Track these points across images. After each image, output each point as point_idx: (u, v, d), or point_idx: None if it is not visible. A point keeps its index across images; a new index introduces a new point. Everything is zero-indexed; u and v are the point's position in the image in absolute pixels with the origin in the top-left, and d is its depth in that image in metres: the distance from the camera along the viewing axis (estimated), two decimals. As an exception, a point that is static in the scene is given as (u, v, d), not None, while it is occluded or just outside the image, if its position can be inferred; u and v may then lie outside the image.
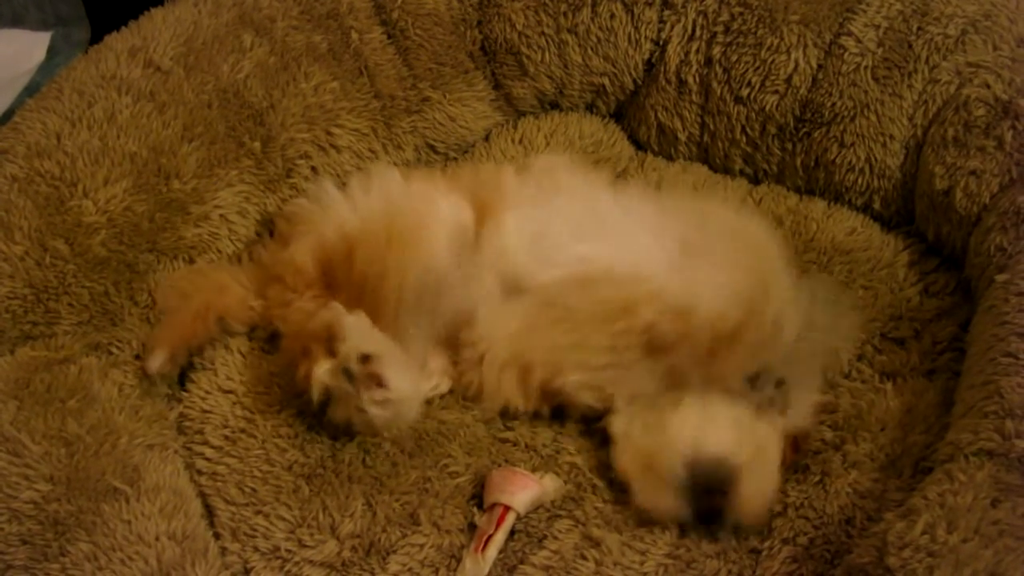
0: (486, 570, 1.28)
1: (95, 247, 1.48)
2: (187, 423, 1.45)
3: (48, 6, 2.39)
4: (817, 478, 1.34)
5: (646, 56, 1.84)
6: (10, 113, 1.60)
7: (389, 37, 1.83)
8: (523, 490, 1.33)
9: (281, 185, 1.71)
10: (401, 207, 1.52)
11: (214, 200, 1.62)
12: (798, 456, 1.38)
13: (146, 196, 1.53)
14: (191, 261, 1.60)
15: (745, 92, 1.74)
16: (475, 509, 1.36)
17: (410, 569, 1.29)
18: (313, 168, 1.74)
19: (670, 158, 1.90)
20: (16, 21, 2.38)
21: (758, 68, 1.72)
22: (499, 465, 1.40)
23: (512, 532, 1.32)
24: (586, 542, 1.31)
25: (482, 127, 1.94)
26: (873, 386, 1.46)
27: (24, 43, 2.32)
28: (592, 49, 1.85)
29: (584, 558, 1.29)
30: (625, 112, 1.95)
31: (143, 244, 1.53)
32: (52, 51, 2.32)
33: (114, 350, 1.49)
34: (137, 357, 1.50)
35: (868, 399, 1.43)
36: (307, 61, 1.73)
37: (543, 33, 1.84)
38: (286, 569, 1.29)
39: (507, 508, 1.32)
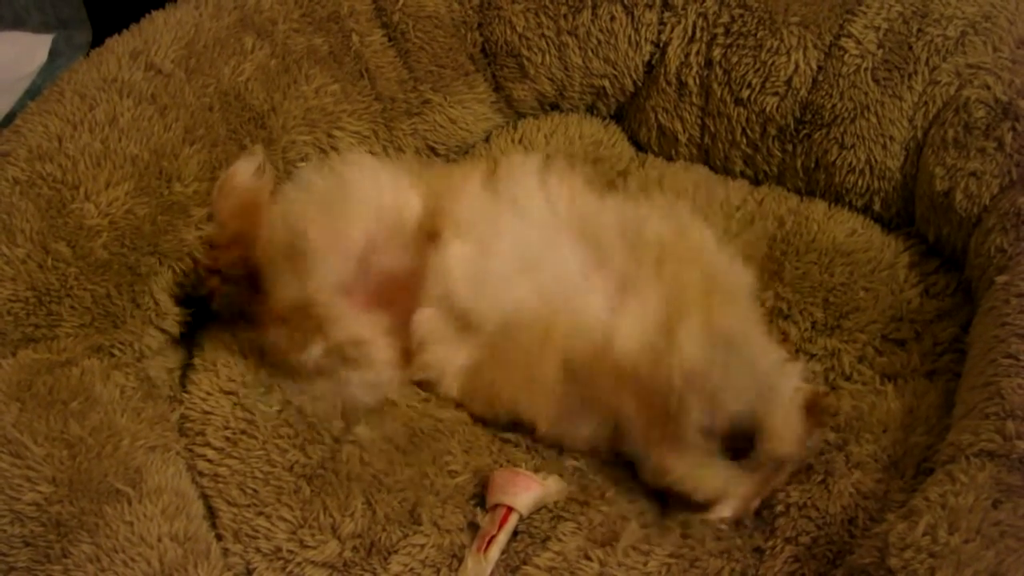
0: (488, 570, 1.28)
1: (97, 250, 1.48)
2: (188, 424, 1.45)
3: (50, 9, 2.38)
4: (820, 478, 1.34)
5: (646, 58, 1.84)
6: (11, 116, 1.61)
7: (390, 40, 1.83)
8: (526, 491, 1.33)
9: (282, 188, 1.70)
10: (340, 180, 1.58)
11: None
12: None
13: (148, 199, 1.53)
14: (194, 264, 1.59)
15: (745, 94, 1.74)
16: (477, 509, 1.35)
17: (411, 569, 1.30)
18: (315, 170, 1.74)
19: (670, 159, 1.89)
20: (17, 23, 2.37)
21: (758, 70, 1.72)
22: (500, 465, 1.40)
23: (515, 533, 1.32)
24: (589, 543, 1.31)
25: (482, 129, 1.94)
26: (874, 388, 1.47)
27: (25, 46, 2.31)
28: (592, 51, 1.84)
29: (588, 558, 1.29)
30: (625, 114, 1.94)
31: (145, 247, 1.52)
32: (53, 54, 2.32)
33: (116, 352, 1.49)
34: (139, 360, 1.51)
35: (869, 401, 1.44)
36: (308, 64, 1.73)
37: (543, 35, 1.84)
38: (288, 570, 1.30)
39: (510, 509, 1.32)
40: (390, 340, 1.51)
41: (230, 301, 1.53)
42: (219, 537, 1.33)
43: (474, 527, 1.34)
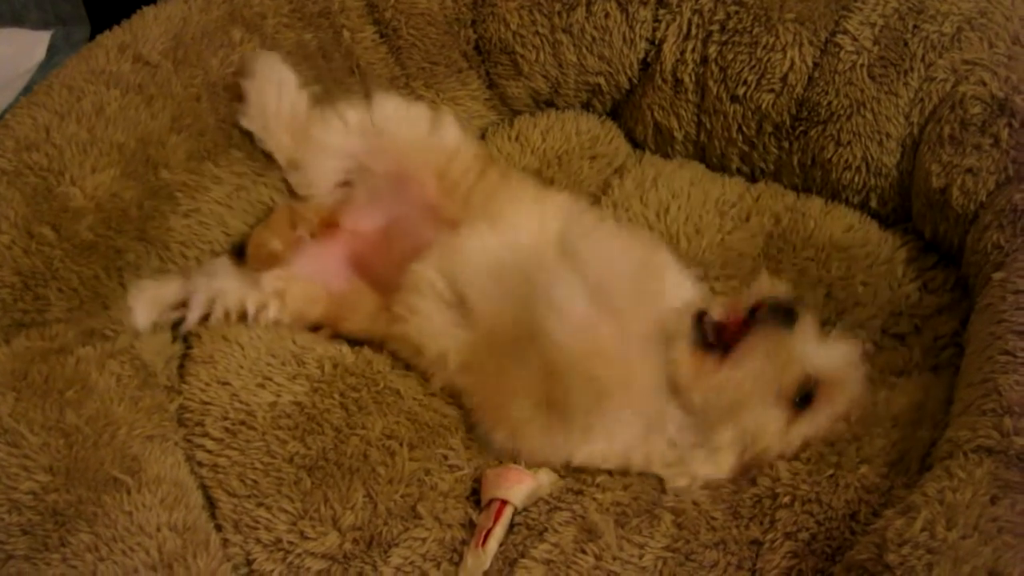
0: (487, 564, 1.28)
1: (82, 232, 1.49)
2: (187, 415, 1.44)
3: (48, 5, 2.40)
4: (831, 472, 1.32)
5: (641, 55, 1.84)
6: (9, 112, 1.62)
7: (382, 36, 1.83)
8: (518, 484, 1.34)
9: (270, 177, 1.71)
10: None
11: (203, 191, 1.63)
12: None
13: (134, 183, 1.54)
14: (182, 252, 1.62)
15: (741, 91, 1.74)
16: (474, 507, 1.35)
17: (412, 562, 1.29)
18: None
19: (666, 156, 1.90)
20: (16, 20, 2.38)
21: (754, 67, 1.72)
22: (501, 462, 1.40)
23: (512, 525, 1.32)
24: (585, 535, 1.30)
25: (476, 126, 1.95)
26: (883, 382, 1.46)
27: (24, 42, 2.33)
28: (587, 48, 1.84)
29: (584, 551, 1.28)
30: (621, 111, 1.95)
31: (131, 231, 1.54)
32: (52, 50, 2.33)
33: (109, 333, 1.49)
34: (135, 338, 1.51)
35: (883, 395, 1.42)
36: (297, 59, 1.73)
37: (537, 32, 1.84)
38: (288, 561, 1.29)
39: (504, 503, 1.32)
40: None
41: None
42: (219, 527, 1.33)
43: (473, 525, 1.33)
